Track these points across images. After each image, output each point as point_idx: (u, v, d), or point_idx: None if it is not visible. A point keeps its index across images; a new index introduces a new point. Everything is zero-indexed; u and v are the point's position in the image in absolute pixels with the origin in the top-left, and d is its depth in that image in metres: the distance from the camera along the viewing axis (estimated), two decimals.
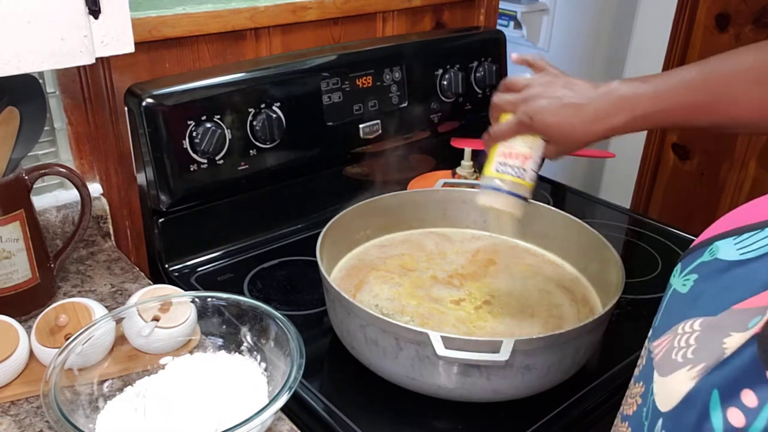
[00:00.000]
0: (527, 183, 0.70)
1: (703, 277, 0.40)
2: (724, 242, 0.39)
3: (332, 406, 0.72)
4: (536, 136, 0.70)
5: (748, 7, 1.55)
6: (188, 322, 0.71)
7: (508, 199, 0.70)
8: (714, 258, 0.39)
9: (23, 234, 0.77)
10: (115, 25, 0.65)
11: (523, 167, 0.69)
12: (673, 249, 1.06)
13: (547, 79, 0.70)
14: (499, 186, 0.70)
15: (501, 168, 0.70)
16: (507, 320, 0.79)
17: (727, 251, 0.39)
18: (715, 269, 0.39)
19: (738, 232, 0.39)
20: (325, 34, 1.10)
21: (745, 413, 0.33)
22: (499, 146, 0.71)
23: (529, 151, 0.70)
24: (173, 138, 0.89)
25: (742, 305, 0.36)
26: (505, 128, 0.71)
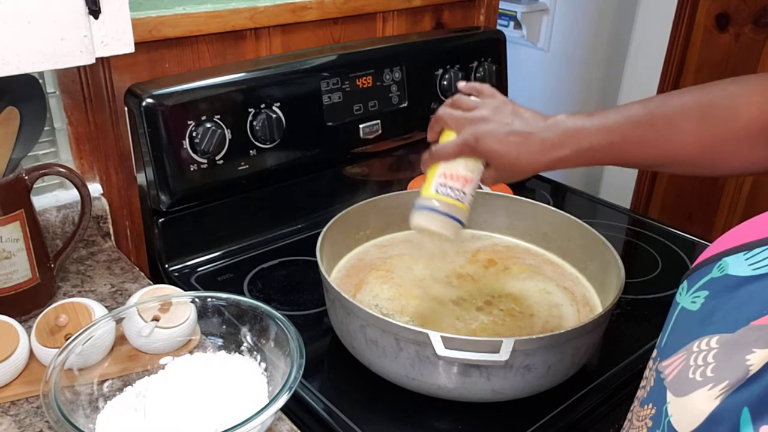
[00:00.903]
0: (465, 207, 0.69)
1: (714, 294, 0.39)
2: (733, 258, 0.39)
3: (332, 406, 0.72)
4: (477, 160, 0.69)
5: (748, 7, 1.55)
6: (188, 322, 0.71)
7: (444, 220, 0.68)
8: (724, 274, 0.39)
9: (23, 234, 0.77)
10: (115, 25, 0.65)
11: (463, 190, 0.68)
12: (673, 249, 1.06)
13: (497, 104, 0.70)
14: (436, 207, 0.68)
15: (441, 189, 0.69)
16: (507, 320, 0.79)
17: (738, 267, 0.38)
18: (727, 285, 0.38)
19: (748, 248, 0.39)
20: (325, 34, 1.10)
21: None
22: (440, 166, 0.70)
23: (471, 174, 0.69)
24: (173, 138, 0.89)
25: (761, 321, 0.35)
26: (449, 148, 0.70)
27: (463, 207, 0.69)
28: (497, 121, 0.67)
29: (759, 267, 0.37)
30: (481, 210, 0.98)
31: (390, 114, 1.12)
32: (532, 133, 0.66)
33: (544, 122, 0.67)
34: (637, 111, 0.64)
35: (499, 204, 0.97)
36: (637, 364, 0.80)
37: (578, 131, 0.65)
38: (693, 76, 1.67)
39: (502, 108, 0.69)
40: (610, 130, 0.64)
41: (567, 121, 0.66)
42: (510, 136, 0.66)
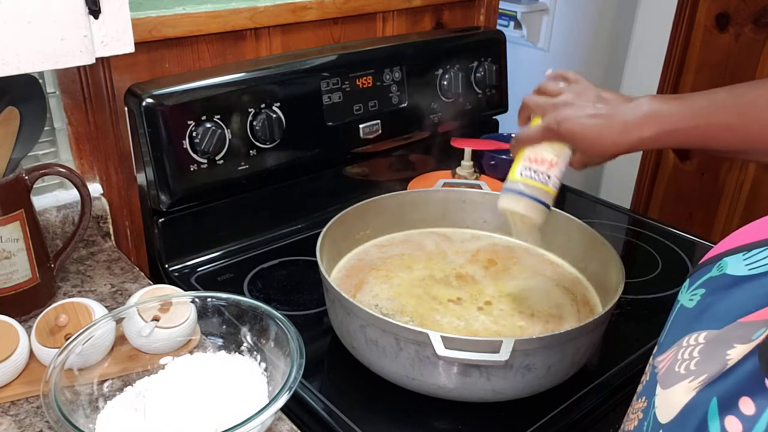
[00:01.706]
0: (551, 190, 0.70)
1: (710, 292, 0.40)
2: (732, 258, 0.40)
3: (332, 406, 0.72)
4: (564, 144, 0.69)
5: (748, 7, 1.55)
6: (188, 322, 0.71)
7: (530, 203, 0.69)
8: (722, 273, 0.39)
9: (23, 234, 0.77)
10: (115, 25, 0.65)
11: (548, 173, 0.69)
12: (673, 249, 1.06)
13: (580, 89, 0.70)
14: (522, 190, 0.69)
15: (526, 172, 0.70)
16: (507, 320, 0.79)
17: (736, 267, 0.39)
18: (723, 284, 0.39)
19: (747, 248, 0.39)
20: (325, 34, 1.10)
21: (742, 421, 0.33)
22: (526, 151, 0.71)
23: (556, 158, 0.69)
24: (173, 138, 0.89)
25: (748, 318, 0.36)
26: (533, 133, 0.70)
27: (548, 190, 0.69)
28: (579, 104, 0.68)
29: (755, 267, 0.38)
30: (481, 210, 0.98)
31: (390, 114, 1.12)
32: (613, 115, 0.66)
33: (627, 103, 0.67)
34: (723, 96, 0.64)
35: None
36: (637, 364, 0.80)
37: (662, 113, 0.64)
38: (693, 76, 1.67)
39: (584, 92, 0.69)
40: (695, 114, 0.63)
41: (650, 102, 0.65)
42: (591, 119, 0.67)
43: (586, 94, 0.69)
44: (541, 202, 0.69)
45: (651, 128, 0.64)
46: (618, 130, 0.65)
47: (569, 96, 0.69)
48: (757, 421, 0.32)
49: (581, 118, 0.67)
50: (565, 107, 0.68)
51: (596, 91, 0.70)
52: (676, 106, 0.64)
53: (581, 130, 0.67)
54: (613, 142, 0.66)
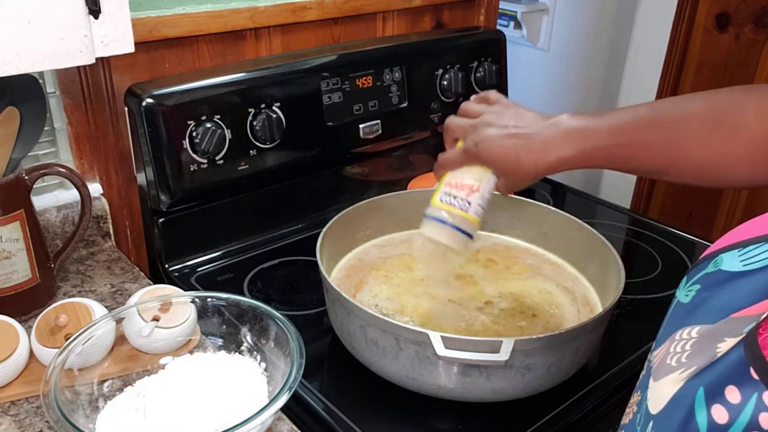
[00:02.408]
0: (471, 217, 0.67)
1: (705, 288, 0.40)
2: (728, 254, 0.40)
3: (332, 406, 0.72)
4: (486, 168, 0.67)
5: (748, 7, 1.55)
6: (188, 322, 0.71)
7: (451, 232, 0.67)
8: (717, 269, 0.40)
9: (23, 234, 0.77)
10: (115, 25, 0.65)
11: (468, 200, 0.66)
12: (673, 249, 1.06)
13: (499, 109, 0.68)
14: (444, 218, 0.67)
15: (445, 198, 0.67)
16: (507, 320, 0.79)
17: (731, 263, 0.39)
18: (718, 280, 0.39)
19: (743, 245, 0.39)
20: (325, 34, 1.10)
21: (728, 409, 0.33)
22: (447, 176, 0.69)
23: (476, 183, 0.67)
24: (173, 138, 0.89)
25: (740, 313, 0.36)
26: (452, 156, 0.68)
27: (468, 217, 0.66)
28: (498, 124, 0.65)
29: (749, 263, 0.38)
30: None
31: (390, 114, 1.12)
32: (532, 134, 0.64)
33: (546, 122, 0.64)
34: (645, 112, 0.62)
35: (499, 204, 0.96)
36: (637, 364, 0.80)
37: (582, 131, 0.62)
38: (693, 76, 1.68)
39: (503, 112, 0.67)
40: (616, 132, 0.61)
41: (570, 120, 0.63)
42: (509, 139, 0.64)
43: (506, 113, 0.67)
44: (462, 231, 0.67)
45: (571, 147, 0.62)
46: (537, 149, 0.63)
47: (489, 117, 0.67)
48: (743, 410, 0.33)
49: (499, 139, 0.64)
50: (483, 128, 0.66)
51: (516, 109, 0.68)
52: (596, 123, 0.62)
53: (499, 152, 0.64)
54: (532, 162, 0.63)
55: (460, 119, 0.70)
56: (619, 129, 0.62)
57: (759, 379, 0.33)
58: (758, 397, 0.32)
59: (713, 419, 0.34)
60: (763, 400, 0.32)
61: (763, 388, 0.32)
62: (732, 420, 0.33)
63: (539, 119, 0.65)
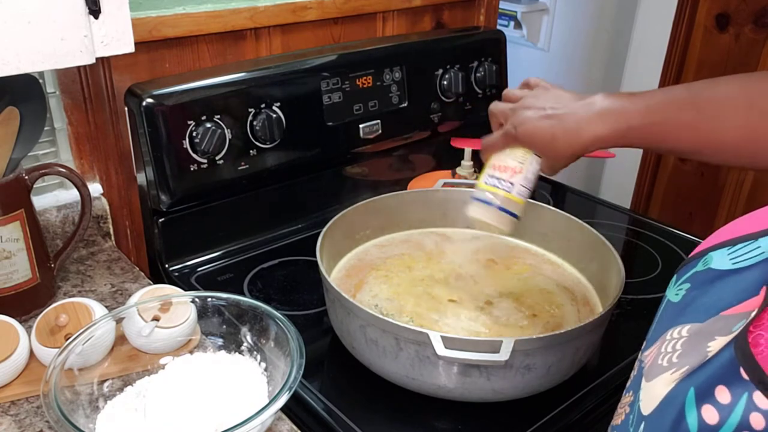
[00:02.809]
0: (516, 198, 0.68)
1: (694, 286, 0.40)
2: (717, 253, 0.40)
3: (332, 406, 0.72)
4: (527, 150, 0.68)
5: (748, 6, 1.55)
6: (188, 322, 0.71)
7: (496, 213, 0.68)
8: (707, 268, 0.40)
9: (23, 234, 0.77)
10: (116, 25, 0.65)
11: (511, 181, 0.68)
12: (673, 249, 1.06)
13: (538, 92, 0.69)
14: (489, 199, 0.69)
15: (489, 180, 0.69)
16: (507, 320, 0.79)
17: (720, 261, 0.39)
18: (707, 278, 0.39)
19: (732, 243, 0.39)
20: (325, 34, 1.10)
21: (718, 410, 0.33)
22: (492, 158, 0.71)
23: (519, 165, 0.68)
24: (173, 138, 0.89)
25: (730, 311, 0.36)
26: (494, 139, 0.70)
27: (513, 198, 0.68)
28: (536, 106, 0.67)
29: (738, 261, 0.38)
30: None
31: (390, 114, 1.12)
32: (566, 114, 0.65)
33: (580, 102, 0.65)
34: (681, 93, 0.62)
35: None
36: None
37: (616, 110, 0.63)
38: (693, 76, 1.67)
39: (542, 94, 0.68)
40: (651, 111, 0.62)
41: (605, 100, 0.64)
42: (545, 120, 0.65)
43: (544, 96, 0.68)
44: (506, 211, 0.68)
45: (605, 125, 0.63)
46: (572, 129, 0.64)
47: (528, 100, 0.69)
48: (733, 410, 0.33)
49: (535, 120, 0.66)
50: (522, 110, 0.68)
51: (554, 92, 0.69)
52: (631, 103, 0.63)
53: (535, 132, 0.66)
54: (567, 142, 0.65)
55: (501, 104, 0.72)
56: (654, 108, 0.62)
57: (749, 379, 0.32)
58: (748, 397, 0.32)
59: (704, 420, 0.34)
60: (753, 400, 0.32)
61: (753, 388, 0.32)
62: (722, 421, 0.33)
63: (575, 99, 0.66)
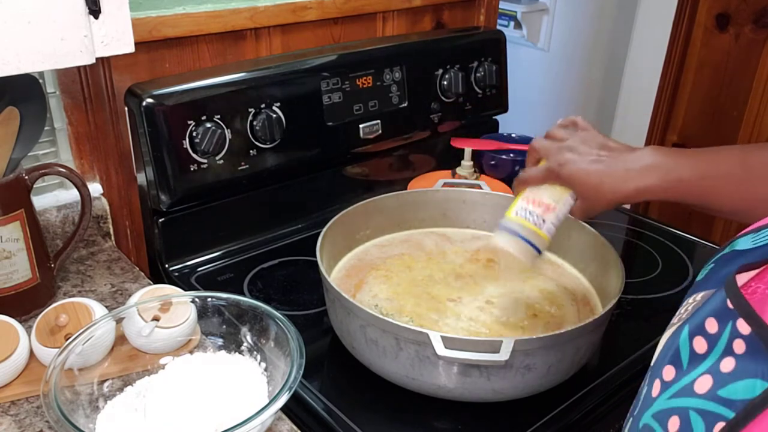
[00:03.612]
0: (544, 235, 0.68)
1: (717, 265, 0.42)
2: (743, 238, 0.41)
3: (332, 406, 0.72)
4: (564, 190, 0.68)
5: (748, 7, 1.55)
6: (188, 322, 0.71)
7: (522, 246, 0.68)
8: (732, 250, 0.41)
9: (23, 234, 0.77)
10: (116, 25, 0.65)
11: (543, 217, 0.68)
12: (673, 249, 1.06)
13: (587, 136, 0.70)
14: (516, 231, 0.69)
15: (521, 212, 0.69)
16: (507, 320, 0.79)
17: (744, 243, 0.41)
18: (729, 257, 0.41)
19: (757, 230, 0.41)
20: (325, 34, 1.10)
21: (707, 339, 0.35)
22: (526, 191, 0.71)
23: (553, 203, 0.68)
24: (173, 138, 0.89)
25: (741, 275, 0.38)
26: (534, 173, 0.70)
27: (541, 234, 0.68)
28: (583, 150, 0.68)
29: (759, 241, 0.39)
30: (481, 210, 0.98)
31: (390, 114, 1.12)
32: (616, 162, 0.65)
33: (631, 152, 0.66)
34: (732, 151, 0.63)
35: (500, 204, 0.97)
36: (637, 364, 0.80)
37: (667, 162, 0.64)
38: (693, 76, 1.67)
39: (590, 139, 0.69)
40: (702, 164, 0.62)
41: (655, 153, 0.65)
42: (593, 164, 0.66)
43: (592, 141, 0.69)
44: (532, 245, 0.68)
45: (654, 177, 0.63)
46: (620, 177, 0.65)
47: (575, 141, 0.69)
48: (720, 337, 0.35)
49: (583, 163, 0.67)
50: (569, 151, 0.68)
51: (602, 138, 0.69)
52: (681, 155, 0.64)
53: (581, 175, 0.66)
54: (613, 189, 0.65)
55: (545, 141, 0.72)
56: (705, 162, 0.63)
57: (733, 307, 0.34)
58: (733, 324, 0.34)
59: (694, 350, 0.36)
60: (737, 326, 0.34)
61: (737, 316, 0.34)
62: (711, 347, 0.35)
63: (624, 150, 0.67)
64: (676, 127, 1.75)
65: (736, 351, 0.33)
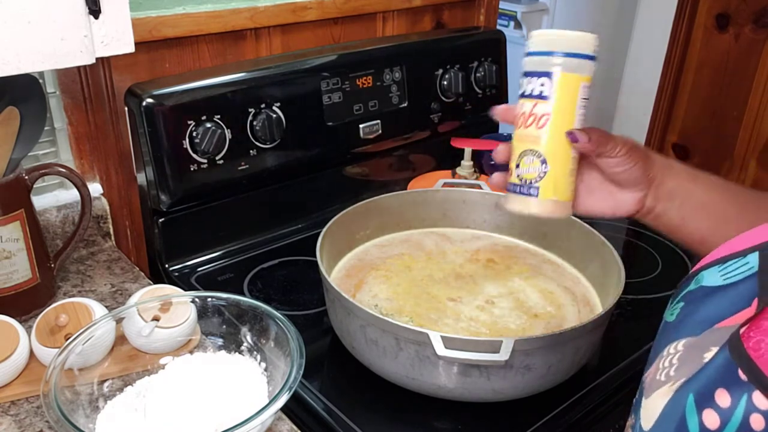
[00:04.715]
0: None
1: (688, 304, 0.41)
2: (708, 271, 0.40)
3: (332, 406, 0.72)
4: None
5: (748, 7, 1.55)
6: (188, 322, 0.71)
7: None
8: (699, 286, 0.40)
9: (23, 234, 0.77)
10: (116, 25, 0.65)
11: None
12: (673, 249, 1.06)
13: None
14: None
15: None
16: (507, 320, 0.79)
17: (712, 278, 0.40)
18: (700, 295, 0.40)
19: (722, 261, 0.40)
20: (325, 34, 1.10)
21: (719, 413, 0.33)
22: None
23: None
24: (173, 138, 0.89)
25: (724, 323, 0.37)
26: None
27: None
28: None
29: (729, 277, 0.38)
30: (481, 210, 0.98)
31: (390, 114, 1.12)
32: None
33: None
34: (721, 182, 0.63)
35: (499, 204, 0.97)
36: (637, 364, 0.80)
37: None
38: (693, 76, 1.67)
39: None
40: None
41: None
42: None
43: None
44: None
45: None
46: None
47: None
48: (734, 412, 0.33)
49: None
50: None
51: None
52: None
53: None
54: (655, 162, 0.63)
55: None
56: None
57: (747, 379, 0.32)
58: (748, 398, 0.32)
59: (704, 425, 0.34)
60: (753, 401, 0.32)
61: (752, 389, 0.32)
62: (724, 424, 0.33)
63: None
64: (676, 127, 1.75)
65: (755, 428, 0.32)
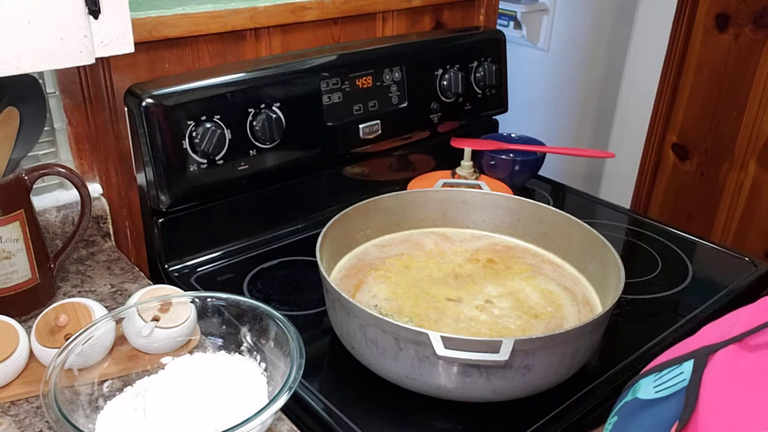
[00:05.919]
0: None
1: (621, 419, 0.41)
2: (645, 380, 0.40)
3: (332, 406, 0.72)
4: None
5: (748, 7, 1.55)
6: (188, 322, 0.71)
7: None
8: (634, 398, 0.40)
9: (23, 234, 0.77)
10: (115, 25, 0.65)
11: None
12: (673, 249, 1.06)
13: None
14: None
15: None
16: (507, 320, 0.79)
17: (646, 390, 0.39)
18: (632, 409, 0.40)
19: (660, 368, 0.40)
20: (325, 34, 1.10)
21: None
22: None
23: None
24: (173, 138, 0.89)
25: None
26: None
27: None
28: None
29: (661, 390, 0.38)
30: (481, 210, 0.98)
31: (390, 114, 1.12)
32: None
33: None
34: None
35: (499, 204, 0.97)
36: (637, 364, 0.80)
37: None
38: (693, 76, 1.67)
39: None
40: None
41: None
42: None
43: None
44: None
45: None
46: None
47: None
48: None
49: None
50: None
51: None
52: None
53: None
54: None
55: None
56: None
57: None
58: None
59: None
60: None
61: None
62: None
63: None
64: (675, 127, 1.75)
65: None
